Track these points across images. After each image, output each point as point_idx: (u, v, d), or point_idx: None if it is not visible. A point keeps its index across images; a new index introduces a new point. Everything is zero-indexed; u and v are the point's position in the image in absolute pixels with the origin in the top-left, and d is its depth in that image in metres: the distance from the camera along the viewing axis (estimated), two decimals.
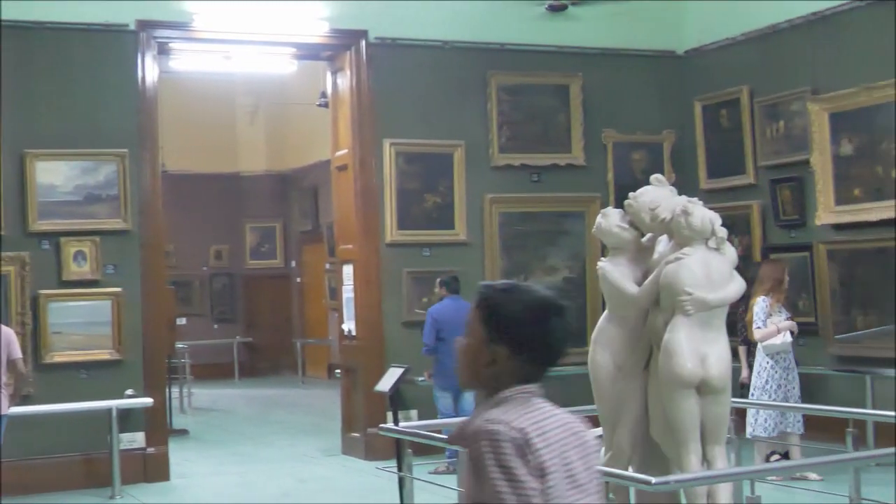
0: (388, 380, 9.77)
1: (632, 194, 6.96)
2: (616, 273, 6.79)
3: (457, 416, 10.77)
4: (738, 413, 8.23)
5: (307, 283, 23.05)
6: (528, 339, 2.96)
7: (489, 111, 12.64)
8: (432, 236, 12.42)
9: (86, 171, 11.09)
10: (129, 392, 11.02)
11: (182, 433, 14.31)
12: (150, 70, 11.40)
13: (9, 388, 9.12)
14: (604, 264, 6.90)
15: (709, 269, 6.55)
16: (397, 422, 8.90)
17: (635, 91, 13.25)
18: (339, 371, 13.17)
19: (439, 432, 8.09)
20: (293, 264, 23.62)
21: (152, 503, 10.46)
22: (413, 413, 11.49)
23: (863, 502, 6.79)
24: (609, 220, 6.95)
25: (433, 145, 12.43)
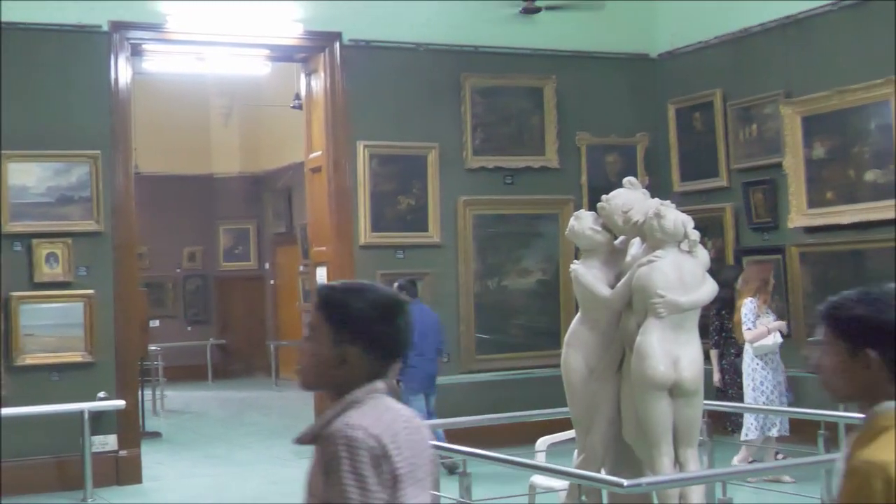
0: None
1: (604, 197, 6.97)
2: (589, 276, 6.80)
3: (428, 418, 10.78)
4: (710, 416, 8.24)
5: (281, 285, 22.98)
6: (379, 337, 3.02)
7: (463, 113, 12.64)
8: (406, 238, 12.42)
9: (58, 172, 11.03)
10: (101, 394, 10.97)
11: (155, 436, 14.25)
12: (123, 71, 11.35)
13: None
14: (576, 267, 6.91)
15: (681, 272, 6.56)
16: None
17: (609, 94, 13.28)
18: None
19: None
20: (267, 266, 23.54)
21: None
22: None
23: None
24: (582, 222, 6.96)
25: (407, 147, 12.42)
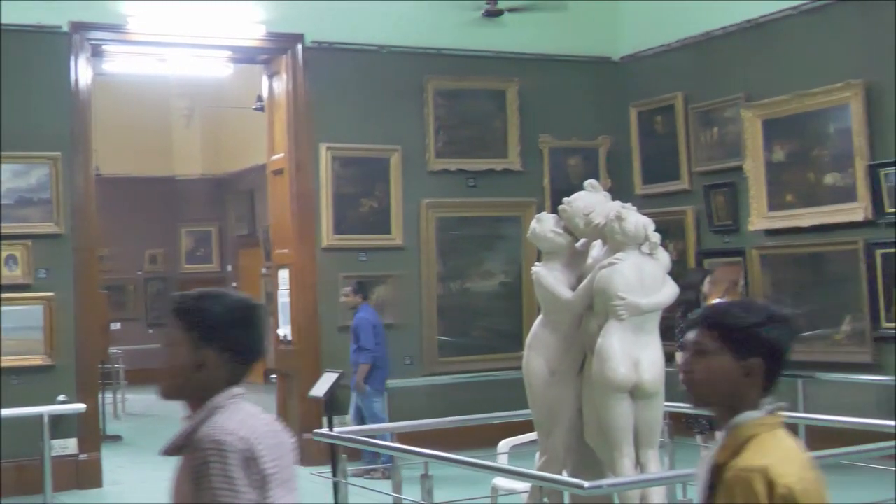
0: (323, 385, 9.72)
1: (566, 199, 6.98)
2: (550, 278, 6.81)
3: (389, 419, 10.79)
4: (671, 417, 8.27)
5: (243, 288, 22.84)
6: (237, 342, 3.05)
7: (426, 116, 12.64)
8: (368, 241, 12.40)
9: (17, 174, 10.94)
10: (61, 398, 10.88)
11: (115, 439, 14.16)
12: (83, 72, 11.28)
13: None
14: (538, 269, 6.92)
15: (642, 274, 6.58)
16: (332, 427, 8.86)
17: (571, 97, 13.32)
18: (274, 376, 13.11)
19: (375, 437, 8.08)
20: (229, 268, 23.46)
21: None
22: (348, 418, 11.45)
23: None
24: (543, 225, 6.97)
25: (370, 150, 12.41)
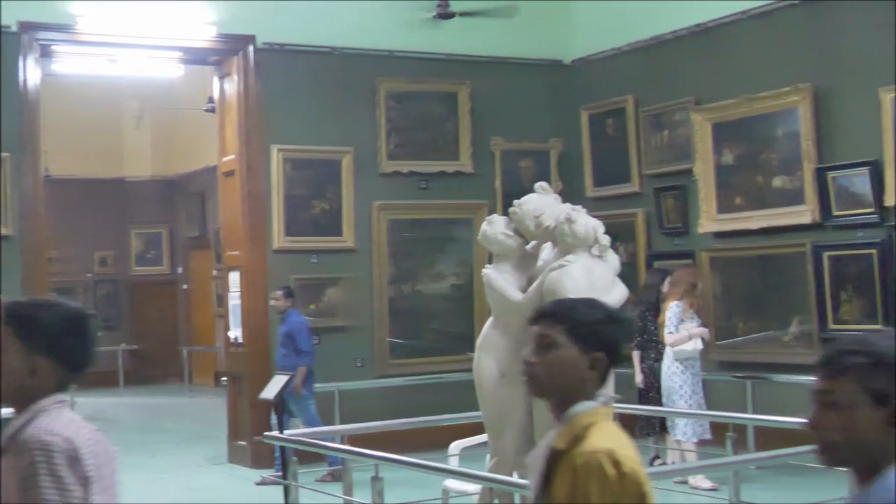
0: (273, 387, 9.72)
1: (516, 202, 6.99)
2: (500, 280, 6.83)
3: (341, 422, 10.75)
4: (620, 419, 8.31)
5: (194, 290, 22.80)
6: (69, 350, 3.14)
7: (377, 118, 12.63)
8: (320, 243, 12.37)
9: None
10: None
11: None
12: (32, 73, 11.19)
13: None
14: (488, 271, 6.93)
15: (592, 277, 6.61)
16: (282, 430, 8.84)
17: (523, 99, 13.35)
18: (224, 379, 13.06)
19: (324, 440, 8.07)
20: (180, 271, 23.35)
21: None
22: (299, 421, 11.42)
23: None
24: (494, 227, 6.98)
25: (321, 151, 12.39)
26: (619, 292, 6.76)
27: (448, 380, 11.71)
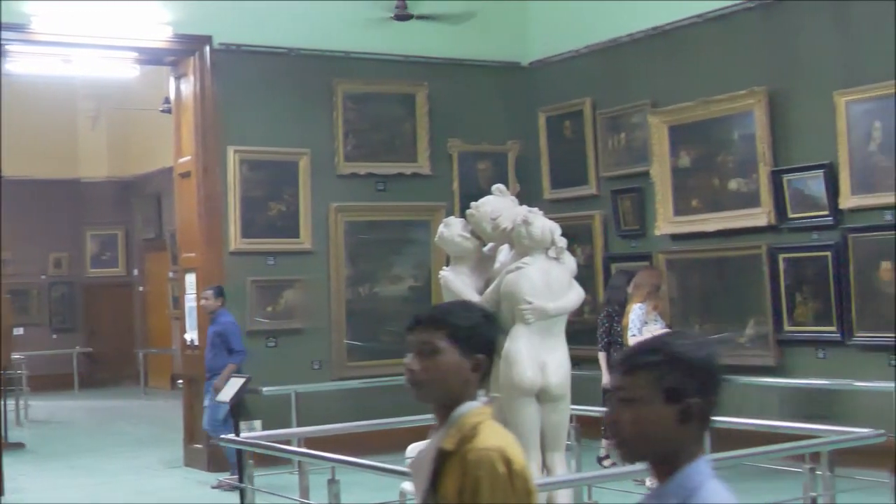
0: (230, 390, 9.66)
1: (473, 204, 7.00)
2: (457, 282, 6.83)
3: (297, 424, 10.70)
4: (578, 420, 8.33)
5: (150, 292, 22.66)
6: None
7: (335, 119, 12.60)
8: (277, 245, 12.31)
9: None
10: None
11: (18, 446, 13.90)
12: None
13: None
14: (445, 273, 6.93)
15: (549, 279, 6.62)
16: (238, 432, 8.78)
17: (481, 101, 13.36)
18: (181, 381, 12.97)
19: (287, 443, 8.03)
20: (136, 272, 23.19)
21: None
22: (256, 423, 11.34)
23: None
24: (451, 229, 6.99)
25: (278, 153, 12.33)
26: (575, 294, 6.78)
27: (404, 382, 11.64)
